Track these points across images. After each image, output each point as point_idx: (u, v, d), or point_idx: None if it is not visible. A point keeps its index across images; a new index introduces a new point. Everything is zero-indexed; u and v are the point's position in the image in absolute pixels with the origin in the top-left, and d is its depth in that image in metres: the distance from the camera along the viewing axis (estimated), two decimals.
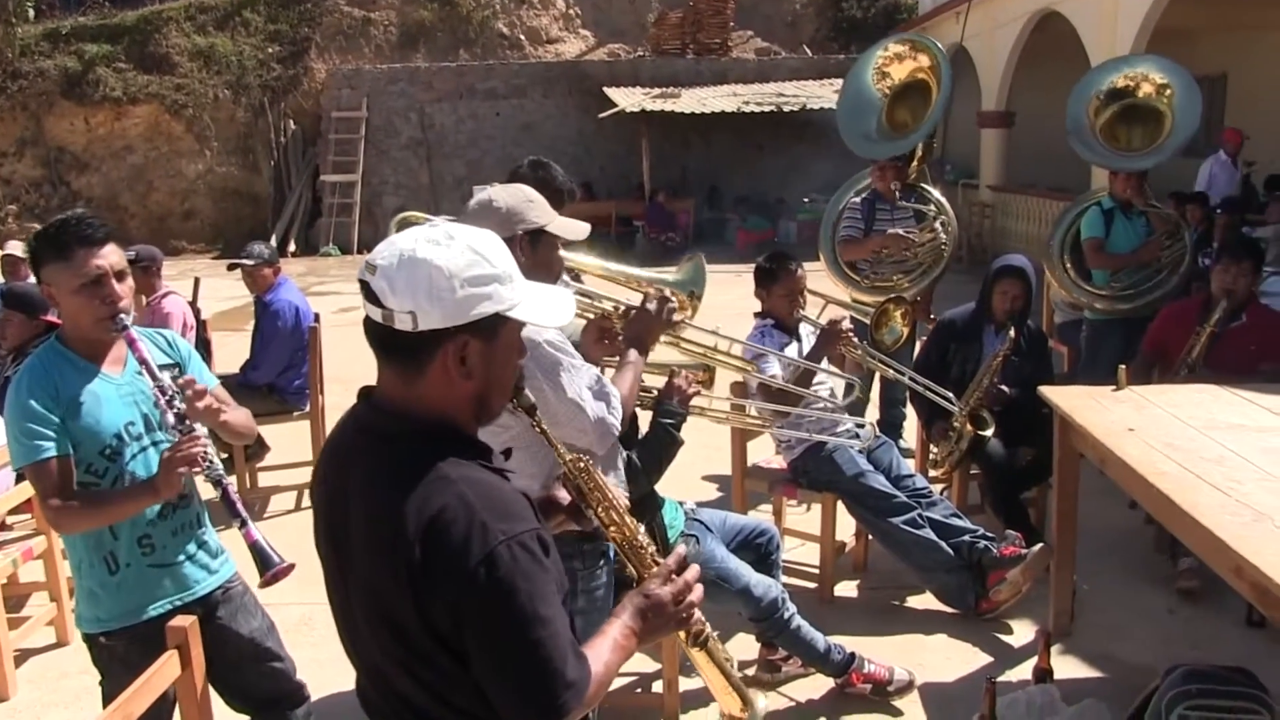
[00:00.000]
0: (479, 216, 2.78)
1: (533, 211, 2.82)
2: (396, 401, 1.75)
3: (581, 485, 2.02)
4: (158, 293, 6.36)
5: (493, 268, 1.72)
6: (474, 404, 1.77)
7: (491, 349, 1.75)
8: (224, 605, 3.04)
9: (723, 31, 23.20)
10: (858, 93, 6.83)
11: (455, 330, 1.69)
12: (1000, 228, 16.44)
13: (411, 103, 21.34)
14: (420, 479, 1.66)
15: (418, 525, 1.62)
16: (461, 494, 1.64)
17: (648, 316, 3.06)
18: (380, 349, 1.75)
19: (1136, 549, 5.20)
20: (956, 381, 5.17)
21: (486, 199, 2.82)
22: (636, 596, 1.87)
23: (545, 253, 2.85)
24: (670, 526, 3.67)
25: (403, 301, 1.66)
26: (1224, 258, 5.25)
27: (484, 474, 1.72)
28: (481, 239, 1.74)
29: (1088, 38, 12.94)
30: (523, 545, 1.63)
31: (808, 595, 4.67)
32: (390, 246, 1.71)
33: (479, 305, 1.69)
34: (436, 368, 1.71)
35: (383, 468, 1.70)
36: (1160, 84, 6.56)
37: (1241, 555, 2.60)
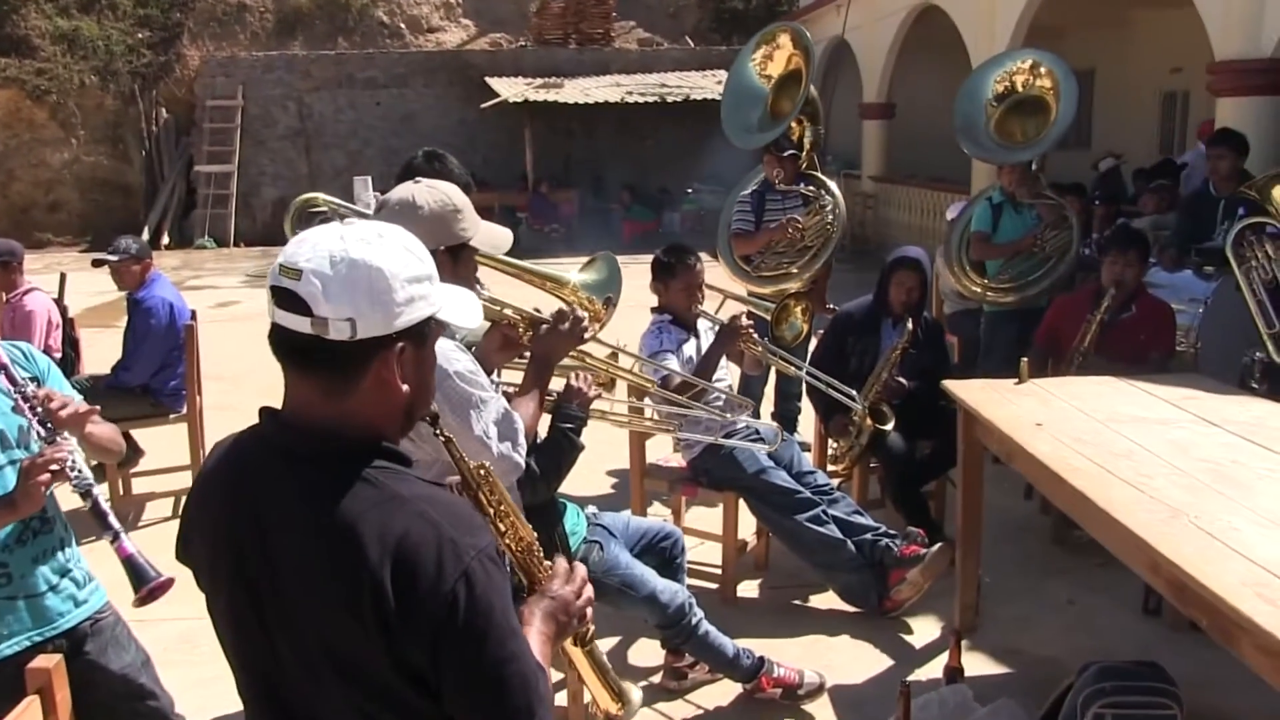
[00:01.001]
0: (399, 220, 2.46)
1: (460, 223, 2.57)
2: (321, 419, 1.58)
3: (483, 495, 1.87)
4: (19, 289, 5.98)
5: (425, 266, 1.60)
6: (404, 414, 1.64)
7: (422, 354, 1.62)
8: (93, 639, 2.74)
9: (605, 22, 23.07)
10: (740, 86, 6.70)
11: (394, 337, 1.55)
12: (882, 217, 16.67)
13: (289, 91, 20.78)
14: (371, 501, 1.52)
15: (381, 551, 1.48)
16: (423, 513, 1.52)
17: (559, 335, 2.82)
18: (299, 362, 1.57)
19: (1033, 538, 5.24)
20: (855, 375, 5.11)
21: (409, 200, 2.53)
22: (542, 600, 1.80)
23: (466, 268, 2.62)
24: (572, 534, 3.51)
25: (339, 308, 1.50)
26: (1112, 249, 5.31)
27: (431, 488, 1.60)
28: (408, 236, 1.63)
29: (967, 32, 13.15)
30: (490, 558, 1.55)
31: (710, 596, 4.54)
32: (312, 247, 1.53)
33: (417, 308, 1.57)
34: (370, 379, 1.56)
35: (319, 493, 1.54)
36: (1046, 73, 6.62)
37: (1160, 553, 2.55)
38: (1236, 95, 8.26)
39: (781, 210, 6.18)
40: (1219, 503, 2.86)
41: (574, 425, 3.24)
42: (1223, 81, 8.39)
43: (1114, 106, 16.25)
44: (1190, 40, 11.84)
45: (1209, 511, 2.78)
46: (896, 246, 7.95)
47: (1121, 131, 15.74)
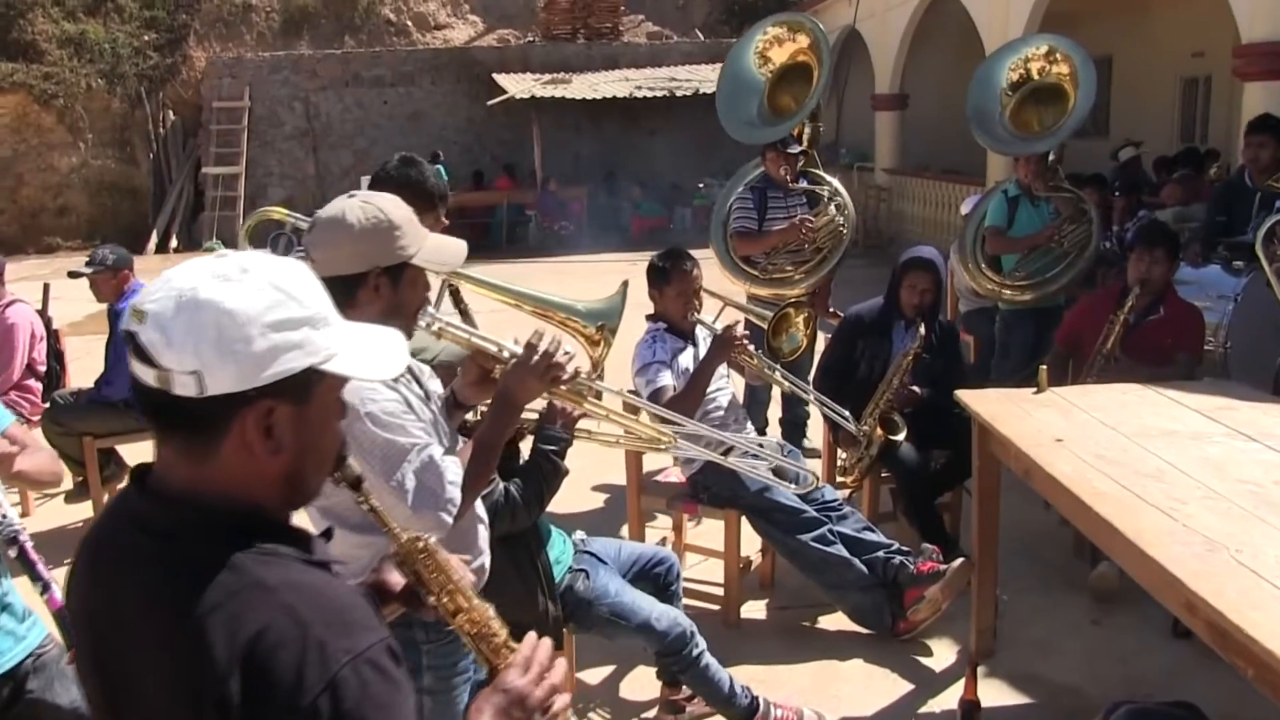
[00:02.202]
0: (328, 238, 2.26)
1: (397, 240, 2.25)
2: (181, 486, 1.33)
3: (420, 570, 1.62)
4: (2, 301, 5.77)
5: (302, 308, 1.32)
6: (285, 484, 1.37)
7: (305, 414, 1.35)
8: (36, 676, 2.56)
9: (613, 16, 22.83)
10: (737, 76, 6.39)
11: (255, 393, 1.28)
12: (896, 211, 16.39)
13: (296, 91, 20.61)
14: (227, 590, 1.25)
15: (231, 654, 1.21)
16: (287, 605, 1.25)
17: (525, 373, 2.42)
18: (154, 421, 1.32)
19: (1054, 552, 4.96)
20: (865, 381, 4.86)
21: (339, 215, 2.25)
22: (495, 695, 1.54)
23: (410, 291, 2.31)
24: (557, 563, 3.27)
25: (182, 358, 1.25)
26: (1138, 245, 5.03)
27: (309, 574, 1.33)
28: (286, 271, 1.35)
29: (980, 20, 12.87)
30: (372, 664, 1.26)
31: (712, 619, 4.31)
32: (165, 285, 1.29)
33: (285, 359, 1.29)
34: (233, 442, 1.30)
35: (171, 577, 1.28)
36: (1063, 59, 6.34)
37: (1198, 594, 2.29)
38: (1265, 79, 7.96)
39: (785, 209, 5.92)
40: (1262, 533, 2.59)
41: (557, 447, 3.00)
42: (1250, 65, 8.10)
43: (1133, 94, 15.90)
44: (1213, 23, 11.54)
45: (1252, 544, 2.51)
46: (910, 241, 7.67)
47: (1141, 119, 15.39)
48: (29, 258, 18.25)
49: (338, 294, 2.30)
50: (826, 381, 4.94)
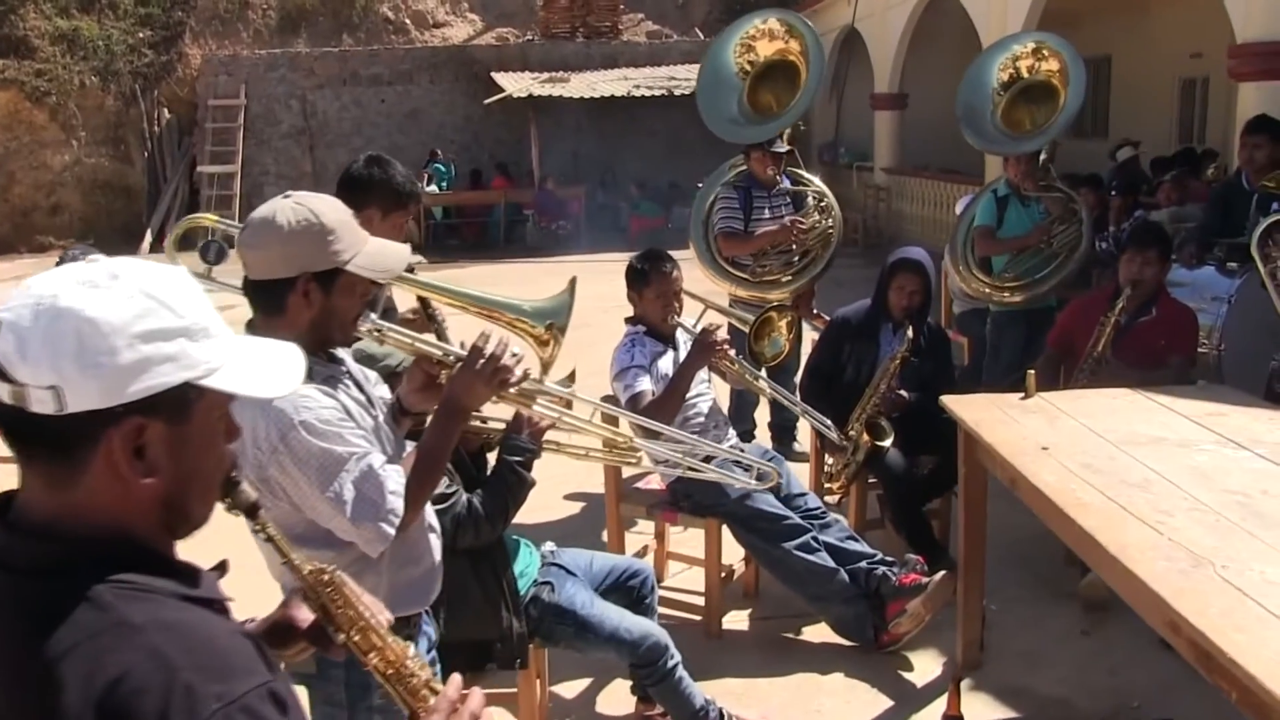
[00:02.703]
0: (257, 240, 2.17)
1: (330, 244, 2.16)
2: (44, 516, 1.21)
3: (326, 603, 1.51)
4: None
5: (178, 318, 1.21)
6: (163, 510, 1.25)
7: (182, 433, 1.24)
8: None
9: (613, 14, 22.74)
10: (717, 73, 6.25)
11: (122, 411, 1.18)
12: (895, 210, 16.30)
13: (293, 90, 20.52)
14: (85, 630, 1.13)
15: (85, 700, 1.10)
16: (154, 647, 1.13)
17: (469, 375, 2.32)
18: (13, 442, 1.21)
19: (1044, 559, 4.84)
20: (851, 384, 4.76)
21: (270, 216, 2.16)
22: None
23: (345, 298, 2.22)
24: (521, 576, 3.17)
25: (39, 372, 1.14)
26: (1130, 246, 4.94)
27: (184, 612, 1.21)
28: (162, 278, 1.23)
29: (979, 20, 12.79)
30: (248, 711, 1.15)
31: (694, 630, 4.21)
32: (23, 292, 1.19)
33: (156, 373, 1.18)
34: (99, 465, 1.19)
35: (26, 616, 1.16)
36: (1052, 56, 6.24)
37: (1180, 614, 2.20)
38: (1259, 80, 7.85)
39: (769, 209, 5.82)
40: (1248, 547, 2.50)
41: (523, 459, 2.91)
42: (1245, 65, 7.99)
43: (1131, 94, 15.81)
44: (1211, 24, 11.43)
45: (1238, 559, 2.42)
46: (909, 240, 7.54)
47: (1139, 119, 15.29)
48: (21, 257, 18.19)
49: (266, 300, 2.24)
50: (813, 385, 4.84)
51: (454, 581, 2.88)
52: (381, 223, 3.36)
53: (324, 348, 2.28)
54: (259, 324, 2.24)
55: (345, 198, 3.40)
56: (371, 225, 3.30)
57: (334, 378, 2.25)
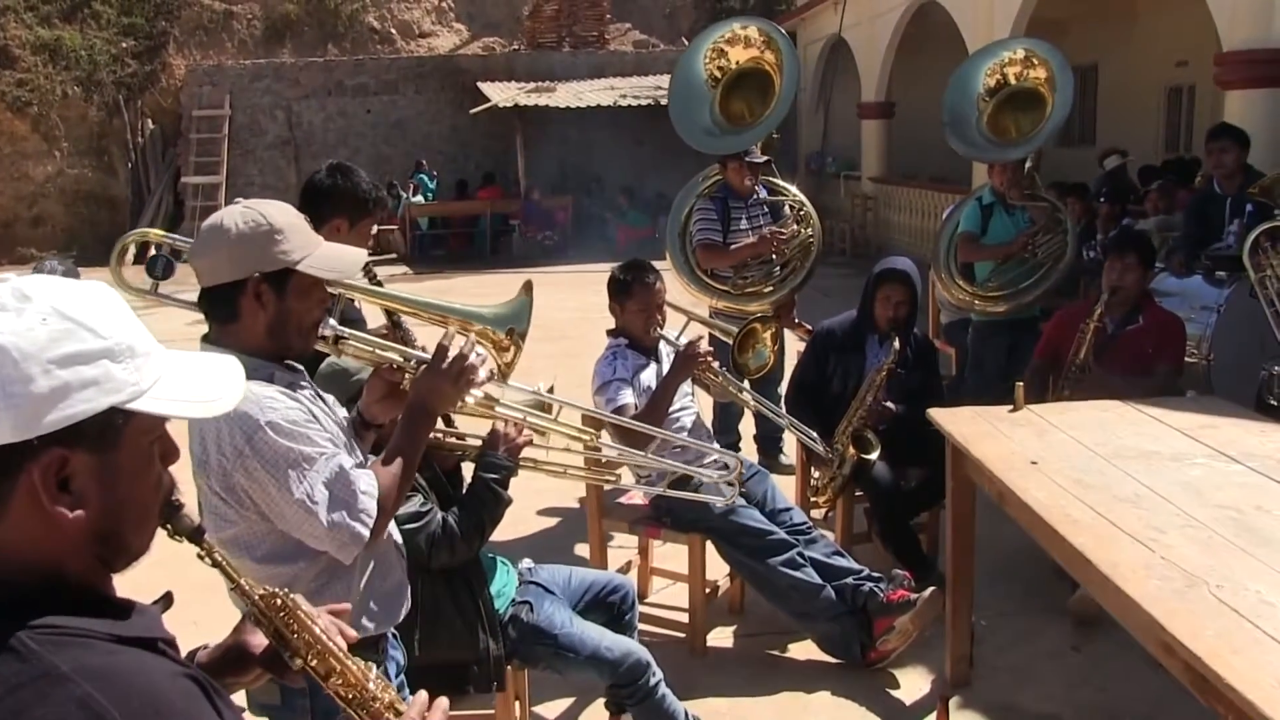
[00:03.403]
0: (206, 246, 2.15)
1: (279, 245, 2.11)
2: None
3: (280, 628, 1.44)
4: None
5: (99, 339, 1.13)
6: (96, 544, 1.17)
7: (112, 462, 1.16)
8: None
9: (599, 24, 22.74)
10: (689, 83, 6.12)
11: (39, 443, 1.09)
12: (883, 220, 16.28)
13: (278, 100, 20.47)
14: (6, 683, 1.05)
15: None
16: (83, 698, 1.05)
17: (437, 377, 2.29)
18: None
19: (1033, 572, 4.76)
20: (838, 397, 4.69)
21: (218, 222, 2.14)
22: None
23: (299, 300, 2.17)
24: (498, 596, 3.09)
25: None
26: (1110, 253, 4.93)
27: (117, 656, 1.12)
28: (80, 297, 1.15)
29: (966, 28, 12.77)
30: None
31: (678, 648, 4.13)
32: None
33: (77, 400, 1.10)
34: (20, 501, 1.11)
35: None
36: (1039, 64, 6.18)
37: (1175, 636, 2.13)
38: (1245, 88, 7.83)
39: (747, 219, 5.76)
40: (1243, 565, 2.43)
41: (500, 475, 2.84)
42: (1231, 73, 7.97)
43: (1118, 102, 15.82)
44: (1197, 32, 11.43)
45: (1233, 578, 2.35)
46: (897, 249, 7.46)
47: (1126, 128, 15.29)
48: (2, 269, 18.03)
49: (219, 307, 2.17)
50: (799, 397, 4.77)
51: (429, 603, 2.81)
52: (350, 232, 3.29)
53: (284, 356, 2.22)
54: (214, 334, 2.20)
55: (309, 208, 3.35)
56: (340, 235, 3.24)
57: (295, 384, 2.19)
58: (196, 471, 2.15)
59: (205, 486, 2.14)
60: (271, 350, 2.18)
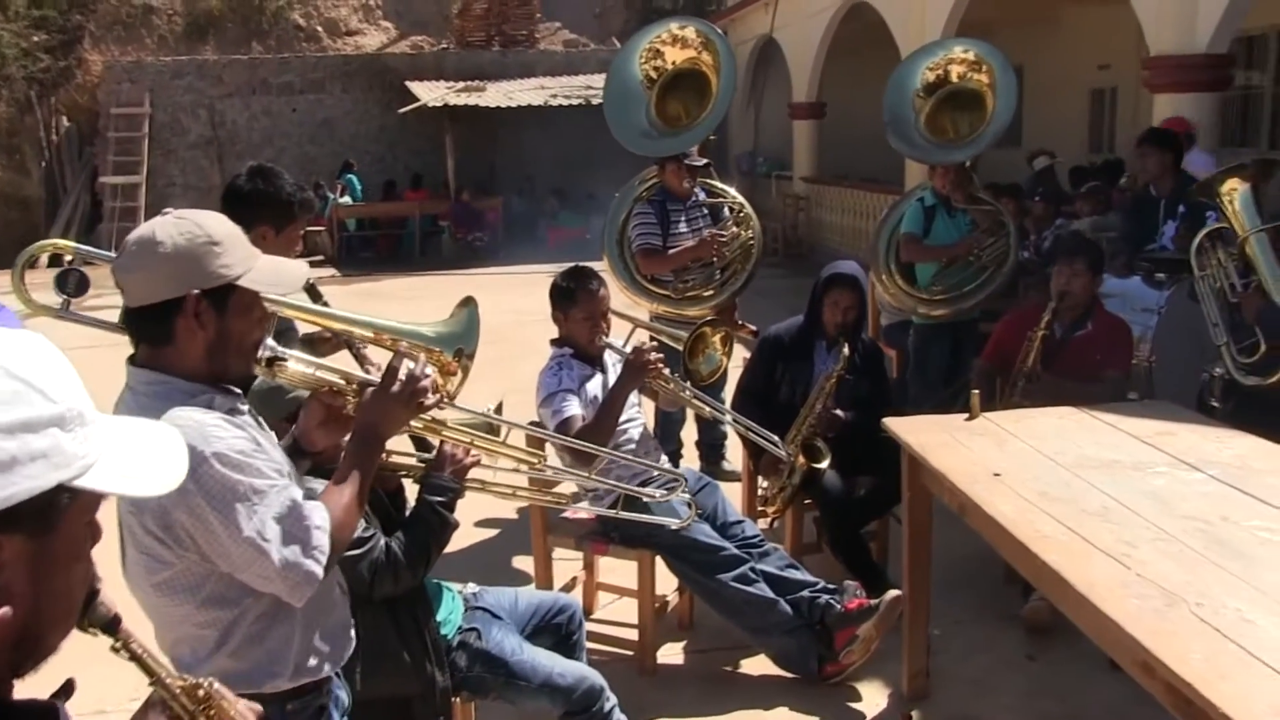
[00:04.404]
0: (136, 261, 1.95)
1: (217, 259, 1.95)
2: None
3: None
4: None
5: (50, 403, 0.96)
6: (11, 648, 0.99)
7: (46, 547, 0.98)
8: None
9: (529, 23, 22.55)
10: (622, 83, 5.98)
11: None
12: (815, 220, 16.29)
13: (200, 98, 19.99)
14: None
15: None
16: None
17: (387, 400, 2.16)
18: None
19: (986, 580, 4.72)
20: (786, 405, 4.59)
21: (148, 234, 1.95)
22: None
23: (237, 321, 2.01)
24: (444, 623, 2.93)
25: None
26: (1059, 258, 4.90)
27: None
28: (24, 350, 0.98)
29: (897, 29, 12.81)
30: None
31: (627, 666, 4.00)
32: None
33: (21, 476, 0.93)
34: None
35: None
36: (981, 65, 6.15)
37: (1161, 660, 2.05)
38: (1173, 91, 7.93)
39: (686, 222, 5.65)
40: (1219, 581, 2.36)
41: (446, 498, 2.68)
42: (1159, 77, 8.07)
43: (1044, 104, 16.00)
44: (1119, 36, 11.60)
45: (1212, 595, 2.28)
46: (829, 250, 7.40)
47: (1052, 129, 15.49)
48: None
49: (151, 328, 1.97)
50: (746, 406, 4.65)
51: (371, 635, 2.65)
52: (276, 239, 3.12)
53: (222, 380, 2.04)
54: (144, 356, 2.00)
55: (232, 215, 3.16)
56: (265, 243, 3.06)
57: (235, 409, 2.02)
58: (126, 510, 1.96)
59: (137, 525, 1.94)
60: (209, 374, 2.00)
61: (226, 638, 2.01)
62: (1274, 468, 3.12)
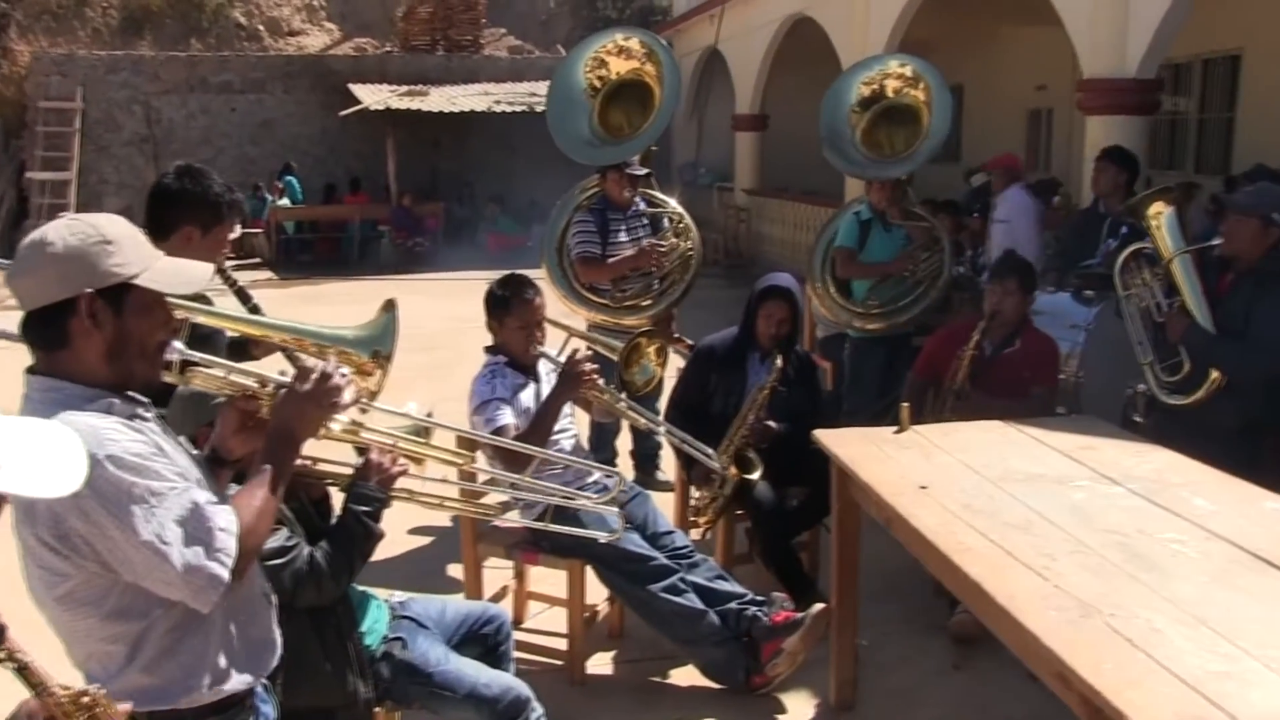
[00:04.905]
0: (27, 265, 1.91)
1: (110, 257, 1.91)
2: None
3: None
4: None
5: None
6: None
7: None
8: None
9: (474, 28, 22.47)
10: (568, 93, 5.95)
11: None
12: (756, 232, 16.40)
13: (135, 94, 19.63)
14: None
15: None
16: None
17: (300, 400, 2.12)
18: None
19: (914, 591, 4.76)
20: (719, 416, 4.61)
21: (40, 237, 1.92)
22: None
23: (136, 321, 1.96)
24: (369, 633, 2.91)
25: None
26: (992, 278, 4.97)
27: None
28: None
29: (840, 43, 12.94)
30: None
31: (556, 676, 3.99)
32: None
33: None
34: None
35: None
36: (917, 81, 6.22)
37: (1074, 670, 2.09)
38: (1105, 114, 8.10)
39: (626, 231, 5.67)
40: (1133, 592, 2.42)
41: (371, 508, 2.65)
42: (1092, 99, 8.22)
43: (983, 122, 16.26)
44: (1055, 58, 11.81)
45: (1125, 606, 2.33)
46: (770, 262, 7.42)
47: (990, 147, 15.63)
48: None
49: (46, 332, 1.91)
50: (679, 417, 4.66)
51: (293, 645, 2.59)
52: (203, 240, 3.07)
53: (128, 386, 1.99)
54: (43, 364, 1.95)
55: (158, 215, 3.11)
56: (192, 244, 3.02)
57: (138, 416, 1.97)
58: (19, 521, 1.90)
59: (31, 538, 1.88)
60: (111, 379, 1.95)
61: (136, 652, 1.96)
62: (1189, 481, 3.20)
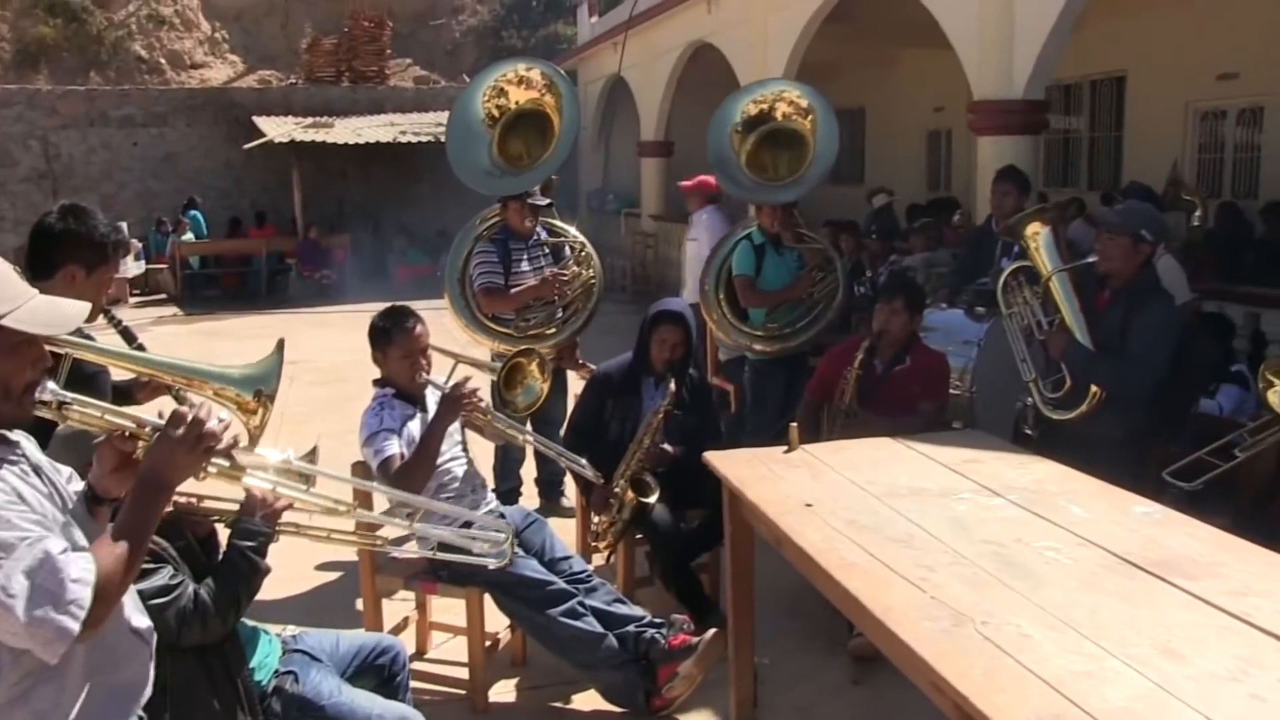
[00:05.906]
0: None
1: None
2: None
3: None
4: None
5: None
6: None
7: None
8: None
9: (379, 59, 22.41)
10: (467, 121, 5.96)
11: None
12: (663, 257, 16.52)
13: (32, 129, 19.26)
14: None
15: None
16: None
17: (169, 443, 2.06)
18: None
19: (814, 609, 4.80)
20: (616, 441, 4.64)
21: None
22: None
23: (2, 361, 1.94)
24: (260, 668, 2.87)
25: None
26: (879, 297, 5.08)
27: None
28: None
29: (740, 69, 13.14)
30: None
31: (458, 705, 3.97)
32: None
33: None
34: None
35: None
36: (800, 106, 6.31)
37: (944, 678, 2.14)
38: (994, 134, 8.34)
39: (528, 260, 5.69)
40: (1006, 600, 2.48)
41: (256, 544, 2.63)
42: (981, 120, 8.47)
43: (884, 143, 16.64)
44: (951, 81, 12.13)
45: (997, 614, 2.39)
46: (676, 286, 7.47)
47: (891, 168, 16.10)
48: None
49: None
50: (576, 442, 4.68)
51: (179, 683, 2.57)
52: (87, 280, 3.02)
53: None
54: None
55: (40, 254, 3.07)
56: (75, 283, 2.98)
57: (5, 461, 1.94)
58: None
59: None
60: None
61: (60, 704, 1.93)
62: (1067, 490, 3.29)
